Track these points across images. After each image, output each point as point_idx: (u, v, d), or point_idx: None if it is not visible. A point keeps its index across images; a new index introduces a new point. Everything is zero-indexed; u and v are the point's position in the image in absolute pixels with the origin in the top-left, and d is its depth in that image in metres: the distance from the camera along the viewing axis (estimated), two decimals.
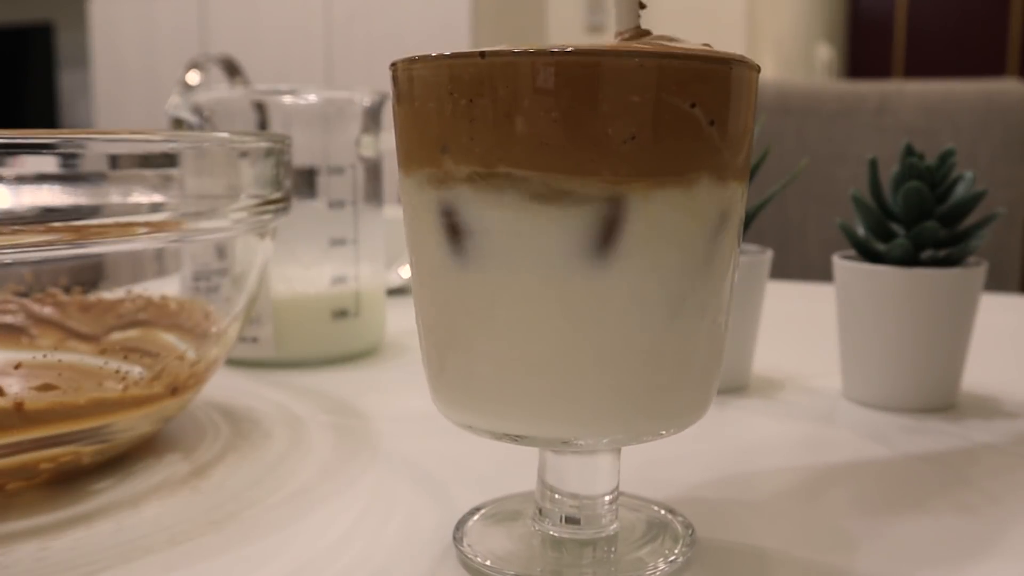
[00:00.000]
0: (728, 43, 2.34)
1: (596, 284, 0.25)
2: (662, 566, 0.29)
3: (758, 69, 0.28)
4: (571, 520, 0.30)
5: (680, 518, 0.32)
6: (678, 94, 0.25)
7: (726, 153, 0.26)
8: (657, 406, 0.27)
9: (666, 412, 0.28)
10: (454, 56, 0.25)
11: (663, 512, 0.33)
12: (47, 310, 0.45)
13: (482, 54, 0.25)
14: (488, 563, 0.29)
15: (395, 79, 0.28)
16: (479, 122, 0.25)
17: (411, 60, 0.27)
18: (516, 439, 0.28)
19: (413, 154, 0.28)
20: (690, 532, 0.31)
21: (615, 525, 0.31)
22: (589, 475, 0.30)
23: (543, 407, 0.27)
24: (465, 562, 0.30)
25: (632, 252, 0.25)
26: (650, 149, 0.25)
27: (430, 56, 0.26)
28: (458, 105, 0.25)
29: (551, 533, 0.30)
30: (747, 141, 0.27)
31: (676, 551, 0.30)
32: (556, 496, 0.30)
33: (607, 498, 0.30)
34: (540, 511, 0.30)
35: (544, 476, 0.30)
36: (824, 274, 0.56)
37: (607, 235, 0.25)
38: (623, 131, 0.24)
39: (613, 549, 0.30)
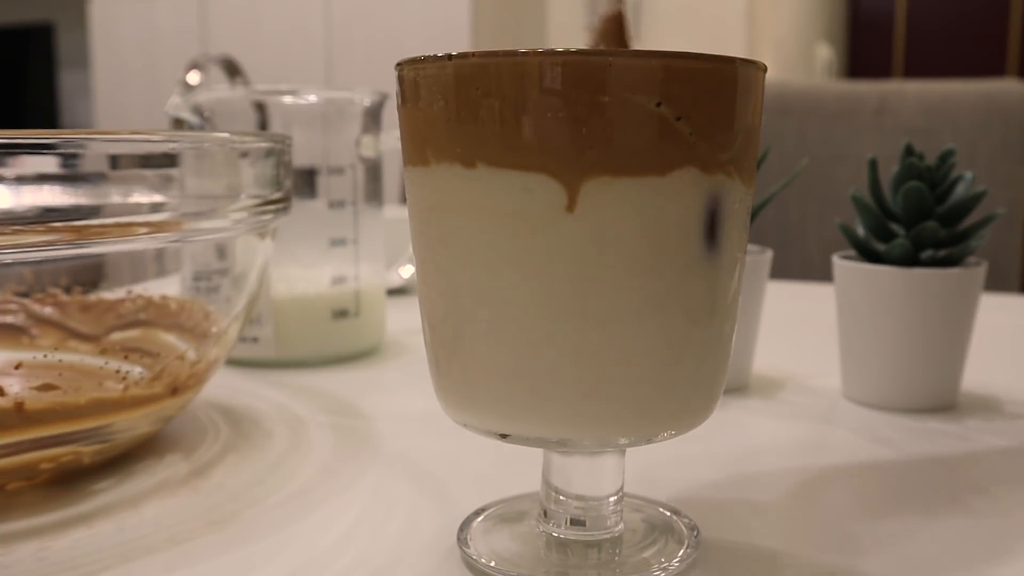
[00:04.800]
0: (728, 43, 2.34)
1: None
2: (667, 567, 0.29)
3: (751, 66, 0.27)
4: (576, 522, 0.30)
5: (685, 519, 0.32)
6: (643, 92, 0.25)
7: (703, 150, 0.26)
8: (655, 409, 0.27)
9: (665, 415, 0.27)
10: (433, 59, 0.26)
11: (668, 513, 0.33)
12: (47, 310, 0.45)
13: (449, 56, 0.26)
14: (493, 564, 0.29)
15: (398, 79, 0.28)
16: (455, 121, 0.26)
17: (403, 62, 0.27)
18: (509, 438, 0.28)
19: (409, 152, 0.28)
20: (695, 533, 0.31)
21: (620, 526, 0.30)
22: (594, 476, 0.30)
23: (541, 408, 0.27)
24: (469, 563, 0.29)
25: (611, 251, 0.25)
26: (617, 147, 0.25)
27: (417, 58, 0.27)
28: (437, 105, 0.26)
29: (556, 535, 0.30)
30: (738, 139, 0.27)
31: (681, 552, 0.30)
32: (561, 497, 0.30)
33: (612, 499, 0.30)
34: (545, 512, 0.30)
35: (549, 477, 0.30)
36: (824, 274, 0.56)
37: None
38: (592, 130, 0.25)
39: (618, 551, 0.30)
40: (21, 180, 0.33)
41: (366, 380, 0.53)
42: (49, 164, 0.34)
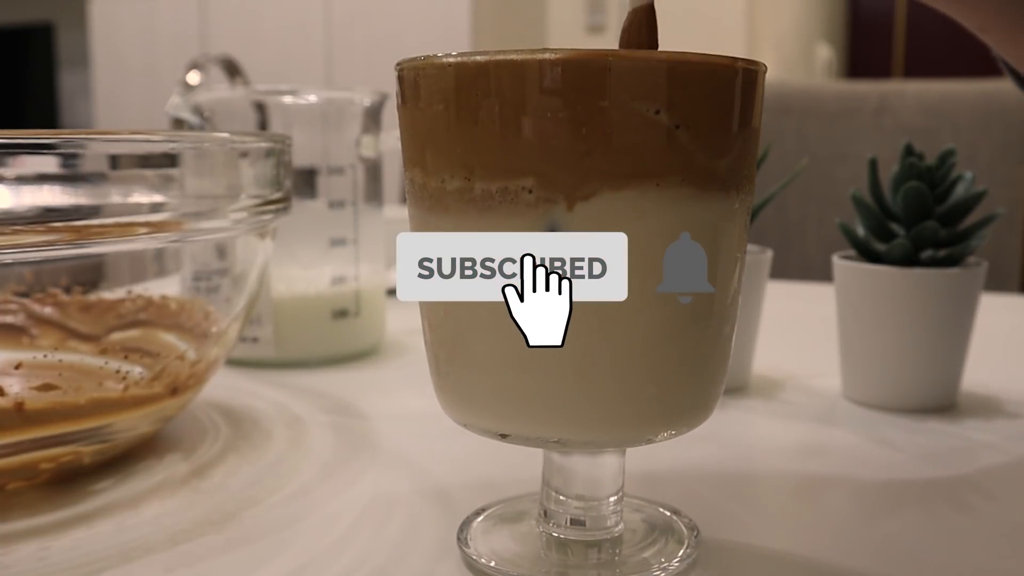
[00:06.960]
0: (728, 43, 2.33)
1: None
2: (667, 567, 0.29)
3: (751, 66, 0.27)
4: (576, 522, 0.30)
5: (685, 519, 0.32)
6: (642, 98, 0.25)
7: (702, 155, 0.26)
8: (655, 409, 0.27)
9: (665, 415, 0.27)
10: (433, 59, 0.26)
11: (668, 513, 0.33)
12: (47, 310, 0.45)
13: (449, 57, 0.26)
14: (492, 564, 0.29)
15: (398, 79, 0.28)
16: (454, 122, 0.26)
17: (403, 62, 0.27)
18: (509, 438, 0.28)
19: (409, 152, 0.28)
20: (695, 533, 0.31)
21: (620, 526, 0.30)
22: (594, 476, 0.30)
23: (541, 408, 0.27)
24: (469, 563, 0.29)
25: None
26: (616, 151, 0.25)
27: (417, 59, 0.27)
28: (436, 106, 0.26)
29: (556, 535, 0.30)
30: (738, 141, 0.27)
31: (681, 552, 0.30)
32: (561, 497, 0.30)
33: (612, 499, 0.30)
34: (545, 512, 0.30)
35: (549, 478, 0.30)
36: (824, 274, 0.56)
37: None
38: (591, 133, 0.24)
39: (618, 551, 0.30)
40: (21, 180, 0.33)
41: (366, 380, 0.53)
42: (49, 164, 0.34)
